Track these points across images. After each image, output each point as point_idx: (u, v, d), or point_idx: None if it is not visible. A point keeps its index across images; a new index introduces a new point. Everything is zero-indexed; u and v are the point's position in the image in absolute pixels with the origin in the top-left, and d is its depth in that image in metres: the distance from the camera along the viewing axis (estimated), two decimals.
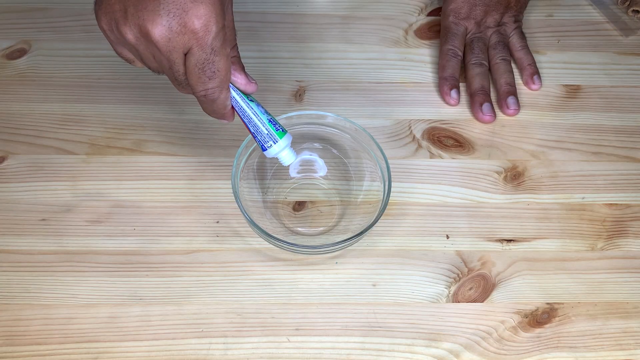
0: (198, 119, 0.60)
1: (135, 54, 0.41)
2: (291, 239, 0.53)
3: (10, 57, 0.62)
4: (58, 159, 0.57)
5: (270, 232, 0.49)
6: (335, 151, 0.56)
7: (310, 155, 0.57)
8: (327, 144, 0.56)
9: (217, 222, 0.55)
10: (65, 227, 0.54)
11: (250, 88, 0.45)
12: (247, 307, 0.51)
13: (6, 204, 0.55)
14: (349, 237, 0.49)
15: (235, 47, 0.44)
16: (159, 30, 0.37)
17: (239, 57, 0.45)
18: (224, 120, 0.46)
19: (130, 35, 0.39)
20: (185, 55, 0.39)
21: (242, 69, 0.44)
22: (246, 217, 0.48)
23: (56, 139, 0.58)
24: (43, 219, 0.54)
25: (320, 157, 0.57)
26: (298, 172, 0.57)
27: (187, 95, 0.60)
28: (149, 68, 0.42)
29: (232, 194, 0.50)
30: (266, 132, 0.45)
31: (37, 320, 0.50)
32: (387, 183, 0.50)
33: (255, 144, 0.51)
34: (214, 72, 0.40)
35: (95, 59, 0.63)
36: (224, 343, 0.50)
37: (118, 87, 0.61)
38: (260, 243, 0.54)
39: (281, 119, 0.52)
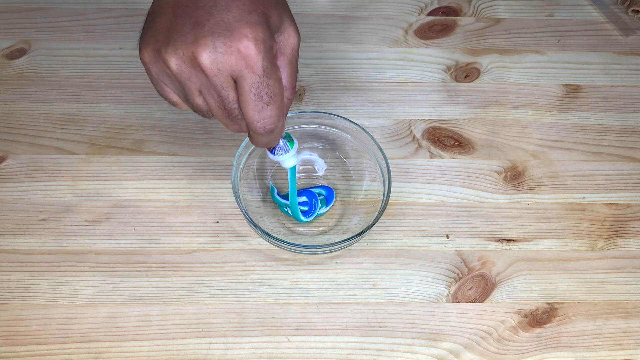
0: (198, 118, 0.60)
1: (179, 90, 0.38)
2: (291, 238, 0.53)
3: (10, 57, 0.62)
4: (58, 159, 0.57)
5: (270, 232, 0.49)
6: (335, 151, 0.56)
7: (310, 155, 0.57)
8: (327, 144, 0.56)
9: (217, 222, 0.55)
10: (65, 227, 0.54)
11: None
12: (247, 307, 0.51)
13: (6, 204, 0.55)
14: (349, 237, 0.49)
15: None
16: (203, 51, 0.35)
17: None
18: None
19: (173, 62, 0.36)
20: (236, 82, 0.36)
21: None
22: (246, 217, 0.48)
23: (56, 139, 0.58)
24: (43, 219, 0.54)
25: (320, 157, 0.57)
26: (298, 172, 0.57)
27: None
28: (195, 108, 0.39)
29: (232, 194, 0.50)
30: (281, 144, 0.45)
31: (37, 320, 0.50)
32: (387, 183, 0.50)
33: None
34: (271, 96, 0.37)
35: (95, 58, 0.63)
36: (224, 343, 0.50)
37: (118, 87, 0.61)
38: (260, 243, 0.54)
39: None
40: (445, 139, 0.60)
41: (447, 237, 0.55)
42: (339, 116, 0.53)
